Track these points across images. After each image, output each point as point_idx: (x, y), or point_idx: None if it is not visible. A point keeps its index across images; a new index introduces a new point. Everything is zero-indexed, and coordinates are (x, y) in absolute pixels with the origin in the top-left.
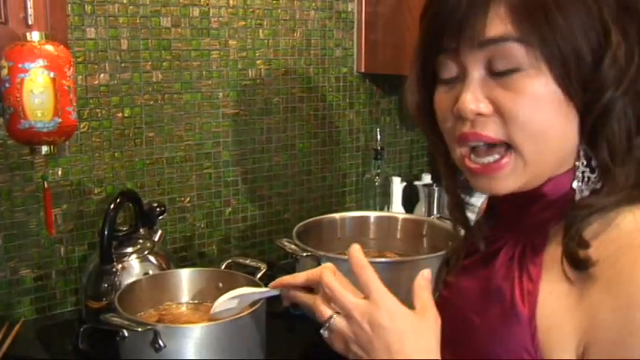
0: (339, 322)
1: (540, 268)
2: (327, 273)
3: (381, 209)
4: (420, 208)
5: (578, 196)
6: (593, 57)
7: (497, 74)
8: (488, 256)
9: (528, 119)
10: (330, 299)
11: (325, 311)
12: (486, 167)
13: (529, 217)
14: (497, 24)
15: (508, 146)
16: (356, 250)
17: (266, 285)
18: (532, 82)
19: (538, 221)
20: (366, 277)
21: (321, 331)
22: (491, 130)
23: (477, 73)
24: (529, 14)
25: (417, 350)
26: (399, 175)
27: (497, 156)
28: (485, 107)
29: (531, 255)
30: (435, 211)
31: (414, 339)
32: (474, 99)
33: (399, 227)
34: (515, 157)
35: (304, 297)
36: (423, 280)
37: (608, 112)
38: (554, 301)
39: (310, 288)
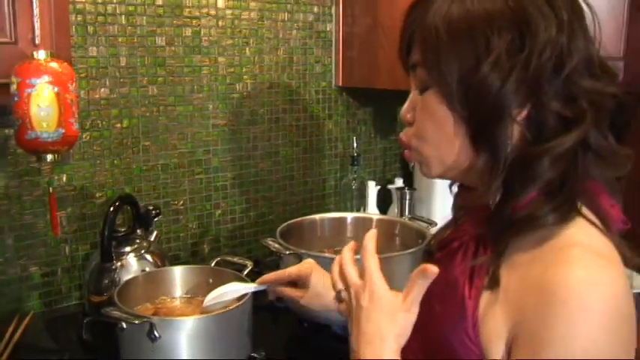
0: (344, 294)
1: (488, 266)
2: (347, 252)
3: (358, 210)
4: (393, 210)
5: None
6: (473, 80)
7: (421, 91)
8: (453, 251)
9: (425, 129)
10: (342, 273)
11: (338, 284)
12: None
13: (477, 218)
14: (416, 52)
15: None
16: (370, 237)
17: (253, 281)
18: (431, 100)
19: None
20: (367, 262)
21: (333, 299)
22: (406, 135)
23: (413, 89)
24: (426, 43)
25: (377, 333)
26: (373, 180)
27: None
28: (410, 117)
29: (483, 253)
30: (406, 212)
31: (383, 323)
32: (405, 110)
33: (373, 227)
34: (416, 154)
35: (288, 291)
36: (423, 279)
37: (492, 124)
38: (493, 295)
39: (294, 283)
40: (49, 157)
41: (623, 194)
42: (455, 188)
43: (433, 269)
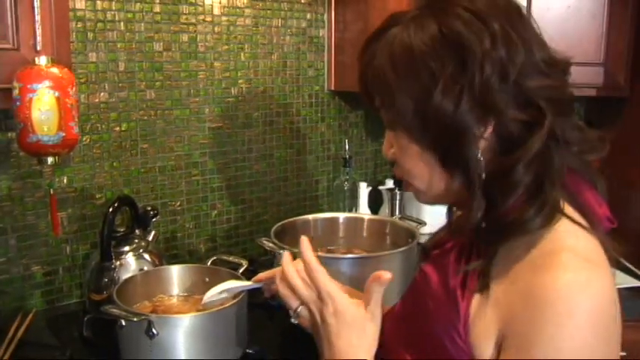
0: (303, 312)
1: (479, 270)
2: (289, 266)
3: (350, 211)
4: (384, 210)
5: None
6: (428, 110)
7: (392, 131)
8: (447, 251)
9: (406, 166)
10: (293, 290)
11: (293, 303)
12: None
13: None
14: (375, 97)
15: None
16: (306, 247)
17: (249, 279)
18: (400, 138)
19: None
20: (318, 279)
21: (292, 320)
22: (397, 170)
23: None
24: (379, 87)
25: (350, 349)
26: (365, 181)
27: (405, 184)
28: (391, 154)
29: (476, 257)
30: (397, 212)
31: (354, 338)
32: (385, 148)
33: (365, 227)
34: (412, 188)
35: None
36: (379, 285)
37: (458, 147)
38: (483, 298)
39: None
40: (50, 159)
41: (613, 193)
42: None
43: (386, 275)
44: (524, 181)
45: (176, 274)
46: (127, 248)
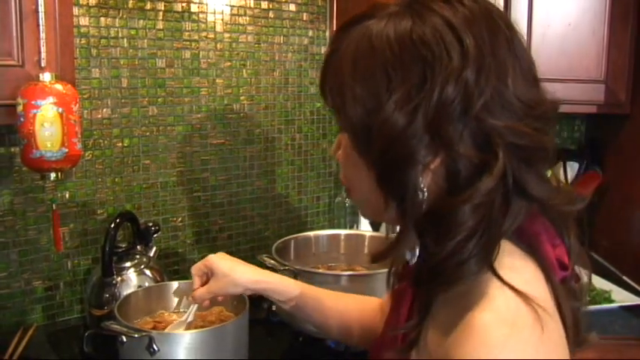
0: None
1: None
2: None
3: (351, 228)
4: (385, 227)
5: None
6: (376, 121)
7: (341, 132)
8: (402, 292)
9: (346, 171)
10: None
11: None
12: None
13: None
14: (329, 97)
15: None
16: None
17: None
18: (346, 142)
19: None
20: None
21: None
22: (341, 175)
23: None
24: (334, 88)
25: None
26: None
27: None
28: (338, 156)
29: (415, 314)
30: (397, 230)
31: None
32: (333, 148)
33: (366, 244)
34: (352, 195)
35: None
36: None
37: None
38: (420, 350)
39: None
40: (53, 175)
41: (614, 209)
42: None
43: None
44: (467, 224)
45: (177, 290)
46: (128, 264)
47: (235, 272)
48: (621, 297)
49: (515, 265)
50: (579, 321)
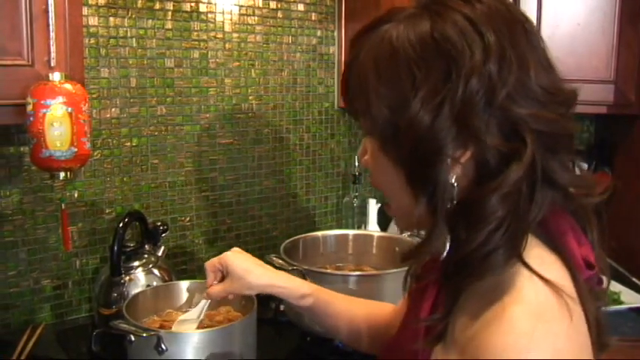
0: None
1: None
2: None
3: (359, 228)
4: (393, 227)
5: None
6: (403, 120)
7: (367, 136)
8: (423, 289)
9: (376, 175)
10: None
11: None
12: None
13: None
14: (353, 100)
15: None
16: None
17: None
18: (372, 146)
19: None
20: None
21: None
22: (371, 179)
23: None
24: (358, 90)
25: None
26: (374, 198)
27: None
28: (365, 161)
29: (442, 301)
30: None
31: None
32: (360, 153)
33: (374, 244)
34: (391, 205)
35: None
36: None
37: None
38: (444, 347)
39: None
40: (62, 174)
41: (623, 209)
42: None
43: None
44: (496, 214)
45: (185, 290)
46: (136, 263)
47: (251, 275)
48: (630, 298)
49: (543, 259)
50: (601, 323)
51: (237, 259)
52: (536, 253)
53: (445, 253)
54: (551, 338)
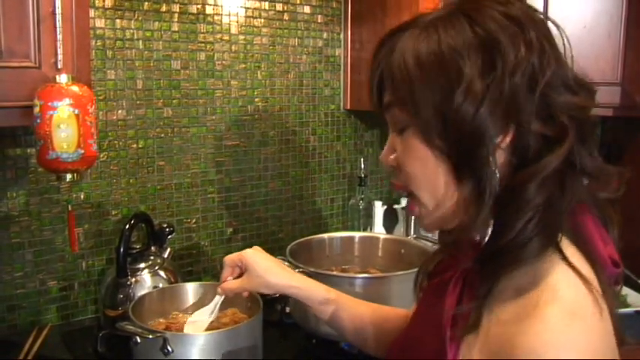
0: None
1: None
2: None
3: (365, 230)
4: (399, 229)
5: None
6: (449, 110)
7: (399, 132)
8: (445, 282)
9: (412, 170)
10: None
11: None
12: (408, 210)
13: (468, 254)
14: (387, 92)
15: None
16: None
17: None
18: (410, 139)
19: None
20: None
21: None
22: (399, 180)
23: (391, 131)
24: (397, 81)
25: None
26: (380, 200)
27: (409, 201)
28: (391, 161)
29: (469, 293)
30: (412, 232)
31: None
32: (385, 154)
33: (380, 246)
34: (418, 203)
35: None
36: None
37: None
38: (474, 337)
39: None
40: (69, 176)
41: (631, 211)
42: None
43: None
44: (534, 201)
45: (191, 292)
46: (142, 265)
47: (270, 275)
48: (637, 301)
49: (573, 254)
50: (617, 323)
51: (258, 257)
52: (569, 251)
53: (486, 239)
54: (586, 335)
